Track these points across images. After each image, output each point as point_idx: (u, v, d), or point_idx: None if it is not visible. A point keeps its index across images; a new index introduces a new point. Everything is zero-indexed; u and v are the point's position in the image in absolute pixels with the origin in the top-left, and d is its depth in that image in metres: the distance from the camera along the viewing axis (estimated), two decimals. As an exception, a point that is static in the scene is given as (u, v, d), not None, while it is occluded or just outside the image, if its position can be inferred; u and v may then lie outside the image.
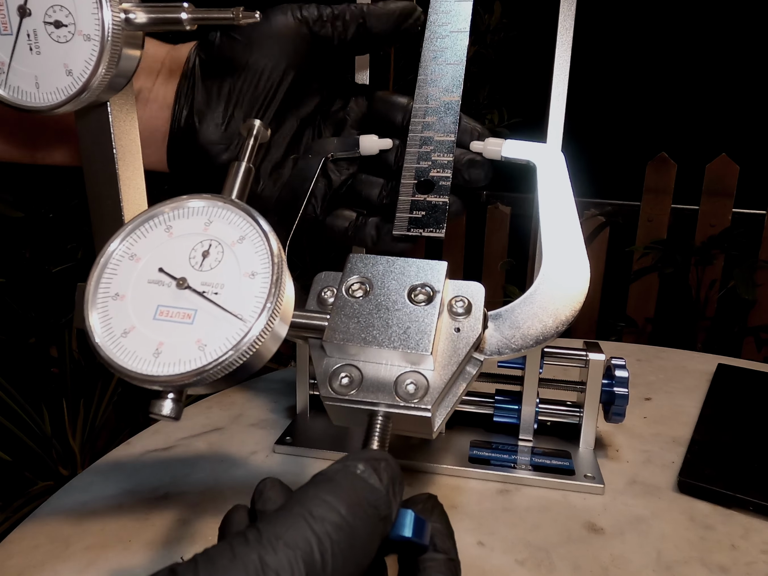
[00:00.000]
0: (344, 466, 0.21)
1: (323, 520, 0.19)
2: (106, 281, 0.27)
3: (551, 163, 0.40)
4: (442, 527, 0.24)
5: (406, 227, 0.41)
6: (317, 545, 0.18)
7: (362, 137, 0.43)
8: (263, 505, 0.24)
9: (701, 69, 2.50)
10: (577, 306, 0.34)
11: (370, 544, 0.20)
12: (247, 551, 0.18)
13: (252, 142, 0.33)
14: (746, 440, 0.52)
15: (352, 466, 0.21)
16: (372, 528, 0.20)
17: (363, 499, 0.20)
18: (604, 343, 0.54)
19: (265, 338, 0.25)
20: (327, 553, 0.18)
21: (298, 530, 0.18)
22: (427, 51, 0.43)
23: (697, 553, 0.40)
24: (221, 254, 0.27)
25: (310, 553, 0.18)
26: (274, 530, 0.18)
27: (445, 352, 0.30)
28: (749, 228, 1.60)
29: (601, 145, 2.27)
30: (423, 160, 0.41)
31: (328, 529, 0.19)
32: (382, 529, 0.21)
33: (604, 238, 1.69)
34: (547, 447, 0.50)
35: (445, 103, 0.42)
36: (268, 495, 0.24)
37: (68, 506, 0.44)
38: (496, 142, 0.41)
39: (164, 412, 0.26)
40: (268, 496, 0.24)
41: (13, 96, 0.30)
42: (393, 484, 0.22)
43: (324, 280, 0.33)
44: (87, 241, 1.28)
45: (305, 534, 0.18)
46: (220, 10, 0.30)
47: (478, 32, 1.65)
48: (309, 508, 0.19)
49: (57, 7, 0.28)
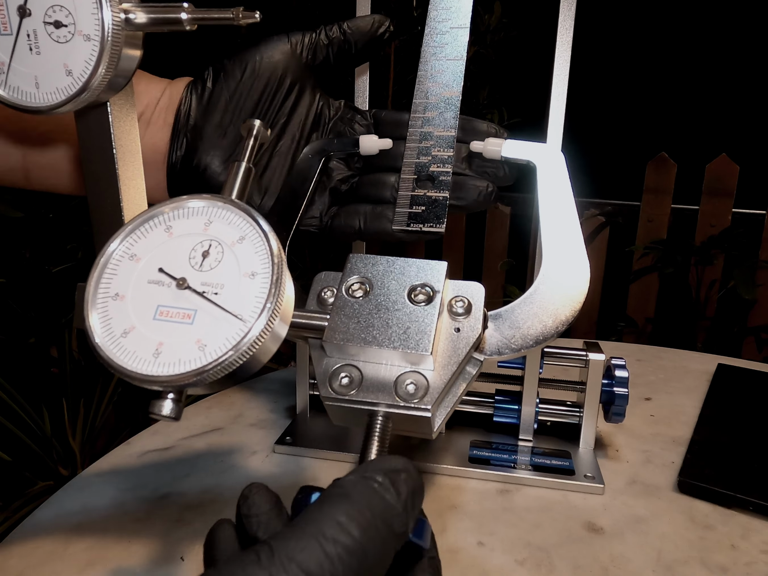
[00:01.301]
0: (362, 478, 0.21)
1: (336, 543, 0.19)
2: (106, 281, 0.27)
3: (551, 163, 0.40)
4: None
5: (405, 222, 0.41)
6: (329, 569, 0.18)
7: (362, 137, 0.43)
8: (248, 509, 0.24)
9: (701, 69, 2.50)
10: (577, 306, 0.34)
11: (382, 563, 0.20)
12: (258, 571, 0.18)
13: (252, 142, 0.33)
14: (746, 440, 0.52)
15: (371, 478, 0.21)
16: (385, 547, 0.20)
17: (378, 518, 0.20)
18: (604, 343, 0.54)
19: (265, 338, 0.25)
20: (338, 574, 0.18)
21: (311, 552, 0.18)
22: (427, 47, 0.43)
23: (697, 553, 0.40)
24: (221, 254, 0.27)
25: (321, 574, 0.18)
26: (286, 551, 0.18)
27: (445, 352, 0.30)
28: (749, 228, 1.60)
29: (601, 145, 2.27)
30: (423, 155, 0.41)
31: (341, 552, 0.18)
32: (395, 545, 0.20)
33: (604, 238, 1.69)
34: (547, 447, 0.50)
35: (445, 98, 0.42)
36: (254, 500, 0.24)
37: (68, 506, 0.44)
38: (496, 142, 0.41)
39: (164, 412, 0.25)
40: (253, 500, 0.24)
41: (13, 96, 0.30)
42: (412, 497, 0.21)
43: (324, 280, 0.33)
44: (87, 241, 1.28)
45: (318, 556, 0.18)
46: (220, 10, 0.30)
47: (478, 32, 1.65)
48: (322, 529, 0.19)
49: (57, 7, 0.28)
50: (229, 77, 0.42)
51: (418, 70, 0.43)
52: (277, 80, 0.42)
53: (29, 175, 0.42)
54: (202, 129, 0.42)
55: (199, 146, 0.42)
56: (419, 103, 0.42)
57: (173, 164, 0.43)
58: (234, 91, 0.42)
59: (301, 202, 0.43)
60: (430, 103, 0.42)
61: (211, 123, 0.42)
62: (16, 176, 0.42)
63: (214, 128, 0.42)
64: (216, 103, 0.42)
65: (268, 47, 0.42)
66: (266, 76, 0.42)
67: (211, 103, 0.42)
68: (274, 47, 0.42)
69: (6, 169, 0.42)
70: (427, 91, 0.42)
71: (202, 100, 0.42)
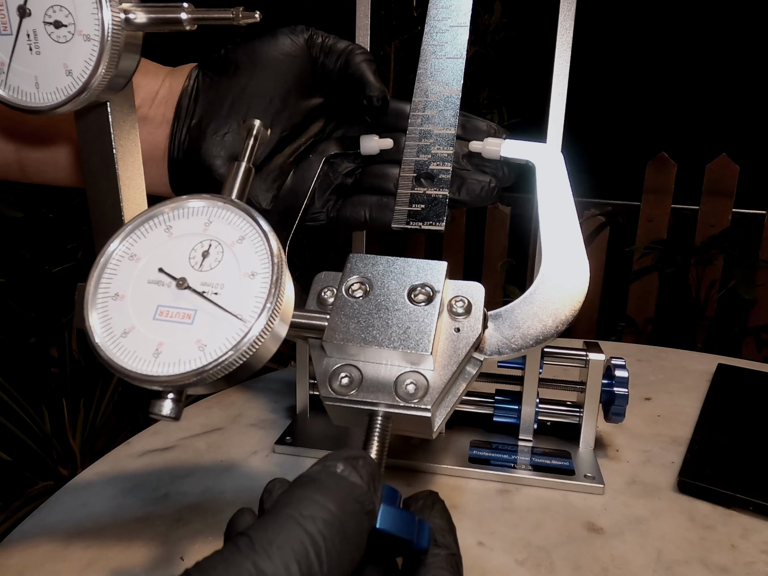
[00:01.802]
0: (324, 466, 0.21)
1: (314, 519, 0.19)
2: (106, 281, 0.27)
3: (550, 163, 0.40)
4: (443, 523, 0.24)
5: (405, 220, 0.41)
6: (311, 545, 0.18)
7: (363, 137, 0.43)
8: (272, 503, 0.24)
9: (701, 69, 2.50)
10: (576, 306, 0.34)
11: (360, 539, 0.20)
12: (241, 560, 0.18)
13: (252, 142, 0.33)
14: (746, 440, 0.52)
15: (332, 465, 0.21)
16: (359, 522, 0.20)
17: (348, 495, 0.20)
18: (604, 343, 0.54)
19: (265, 338, 0.25)
20: (321, 551, 0.18)
21: (290, 532, 0.18)
22: (427, 45, 0.43)
23: (697, 553, 0.40)
24: (221, 254, 0.27)
25: (305, 553, 0.18)
26: (265, 535, 0.18)
27: (445, 352, 0.30)
28: (749, 228, 1.60)
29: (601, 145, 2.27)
30: (422, 153, 0.41)
31: (320, 527, 0.19)
32: (368, 524, 0.21)
33: (604, 238, 1.69)
34: (547, 447, 0.50)
35: (444, 96, 0.42)
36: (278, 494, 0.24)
37: (68, 506, 0.44)
38: (495, 142, 0.41)
39: (164, 412, 0.25)
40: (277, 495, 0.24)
41: (13, 96, 0.29)
42: (373, 479, 0.22)
43: (324, 280, 0.33)
44: (87, 241, 1.28)
45: (298, 535, 0.18)
46: (220, 10, 0.30)
47: (478, 32, 1.65)
48: (298, 508, 0.19)
49: (57, 7, 0.28)
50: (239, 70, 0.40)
51: (418, 68, 0.43)
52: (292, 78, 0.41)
53: (25, 170, 0.42)
54: (206, 126, 0.41)
55: (203, 144, 0.41)
56: (419, 102, 0.42)
57: (175, 159, 0.41)
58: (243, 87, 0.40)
59: (302, 202, 0.42)
60: (429, 101, 0.42)
61: (216, 120, 0.41)
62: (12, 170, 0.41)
63: (220, 125, 0.41)
64: (222, 98, 0.40)
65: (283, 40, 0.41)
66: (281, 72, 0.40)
67: (216, 98, 0.40)
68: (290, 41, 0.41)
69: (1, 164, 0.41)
70: (426, 90, 0.42)
71: (207, 95, 0.41)
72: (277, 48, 0.41)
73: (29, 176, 0.42)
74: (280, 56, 0.41)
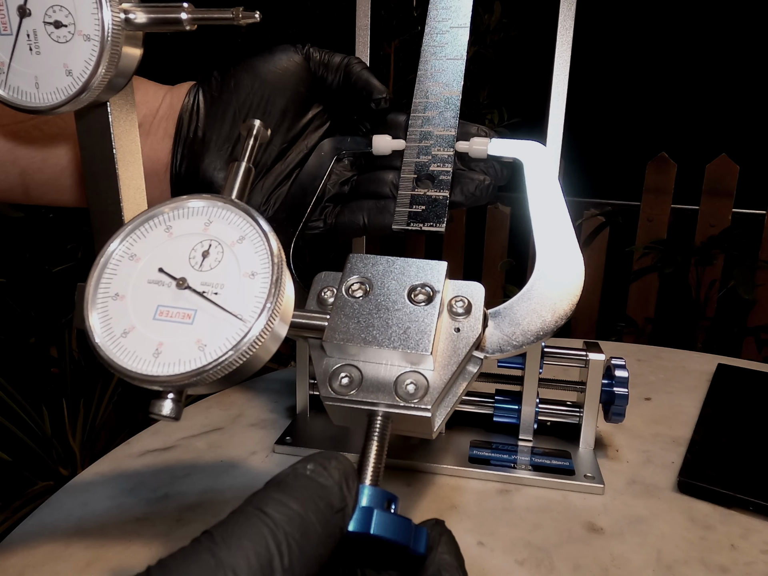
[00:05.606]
0: (293, 468, 0.21)
1: (275, 514, 0.19)
2: (106, 281, 0.27)
3: (537, 159, 0.40)
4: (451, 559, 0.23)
5: (405, 222, 0.41)
6: (271, 537, 0.18)
7: (375, 137, 0.43)
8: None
9: (701, 69, 2.50)
10: (574, 299, 0.34)
11: (327, 536, 0.20)
12: (200, 551, 0.18)
13: (252, 142, 0.33)
14: (746, 440, 0.52)
15: (301, 468, 0.21)
16: (327, 520, 0.20)
17: (314, 495, 0.20)
18: (604, 343, 0.54)
19: (265, 338, 0.25)
20: (282, 545, 0.18)
21: (251, 526, 0.18)
22: (427, 46, 0.43)
23: (697, 553, 0.41)
24: (221, 254, 0.27)
25: (265, 546, 0.18)
26: (226, 529, 0.18)
27: (445, 352, 0.30)
28: (749, 228, 1.60)
29: (601, 145, 2.27)
30: (423, 155, 0.41)
31: (281, 522, 0.19)
32: (339, 521, 0.21)
33: (604, 238, 1.69)
34: (547, 447, 0.50)
35: (445, 98, 0.42)
36: None
37: (68, 506, 0.44)
38: (482, 141, 0.41)
39: (164, 412, 0.25)
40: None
41: (13, 96, 0.29)
42: (346, 479, 0.22)
43: (324, 280, 0.33)
44: (87, 241, 1.28)
45: (259, 529, 0.18)
46: (220, 10, 0.30)
47: (478, 32, 1.65)
48: (260, 506, 0.19)
49: (57, 7, 0.28)
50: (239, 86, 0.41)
51: (418, 69, 0.43)
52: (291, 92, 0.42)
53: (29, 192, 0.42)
54: (209, 141, 0.41)
55: (204, 158, 0.41)
56: (419, 103, 0.42)
57: (177, 174, 0.42)
58: (243, 102, 0.41)
59: (311, 199, 0.43)
60: (430, 102, 0.42)
61: (218, 134, 0.41)
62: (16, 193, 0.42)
63: (221, 140, 0.41)
64: (224, 113, 0.41)
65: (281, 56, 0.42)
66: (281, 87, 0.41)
67: (217, 113, 0.41)
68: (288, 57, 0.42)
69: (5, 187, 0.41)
70: (427, 91, 0.42)
71: (208, 110, 0.41)
72: (275, 64, 0.42)
73: (33, 198, 0.43)
74: (278, 71, 0.42)
